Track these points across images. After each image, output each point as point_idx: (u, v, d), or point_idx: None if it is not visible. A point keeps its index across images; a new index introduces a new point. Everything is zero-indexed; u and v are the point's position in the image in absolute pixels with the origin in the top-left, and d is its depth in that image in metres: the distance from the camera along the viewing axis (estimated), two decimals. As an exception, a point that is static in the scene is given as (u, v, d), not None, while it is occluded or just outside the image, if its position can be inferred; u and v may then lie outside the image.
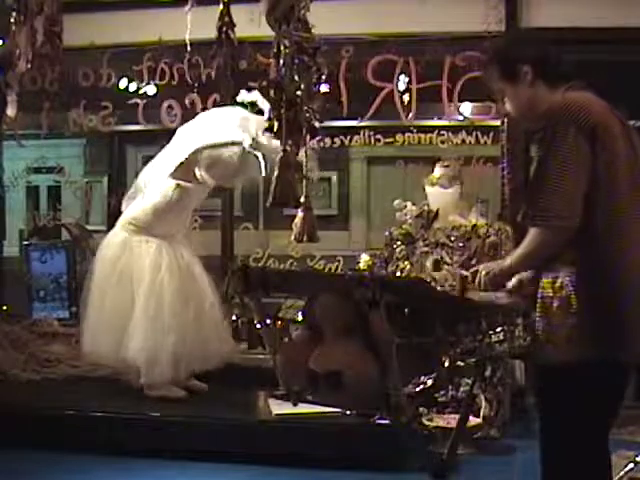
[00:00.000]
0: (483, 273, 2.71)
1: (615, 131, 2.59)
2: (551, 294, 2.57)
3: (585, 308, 2.51)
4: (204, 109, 6.19)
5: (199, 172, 5.07)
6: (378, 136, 6.13)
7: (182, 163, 4.97)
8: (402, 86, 5.93)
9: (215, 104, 6.14)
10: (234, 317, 5.71)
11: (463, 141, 5.96)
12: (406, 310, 2.62)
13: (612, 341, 2.51)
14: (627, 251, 2.54)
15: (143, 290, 4.93)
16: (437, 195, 5.23)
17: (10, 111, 5.87)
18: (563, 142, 2.51)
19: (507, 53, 2.79)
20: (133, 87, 6.42)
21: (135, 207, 5.11)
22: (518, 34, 2.97)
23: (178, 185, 5.00)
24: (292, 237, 4.41)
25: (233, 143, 4.91)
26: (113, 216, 5.83)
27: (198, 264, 5.23)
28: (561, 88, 2.67)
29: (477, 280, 2.72)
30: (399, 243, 5.20)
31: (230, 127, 4.96)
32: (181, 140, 5.09)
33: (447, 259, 5.03)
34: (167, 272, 4.98)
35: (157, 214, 5.04)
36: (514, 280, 2.79)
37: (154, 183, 5.06)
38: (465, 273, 2.85)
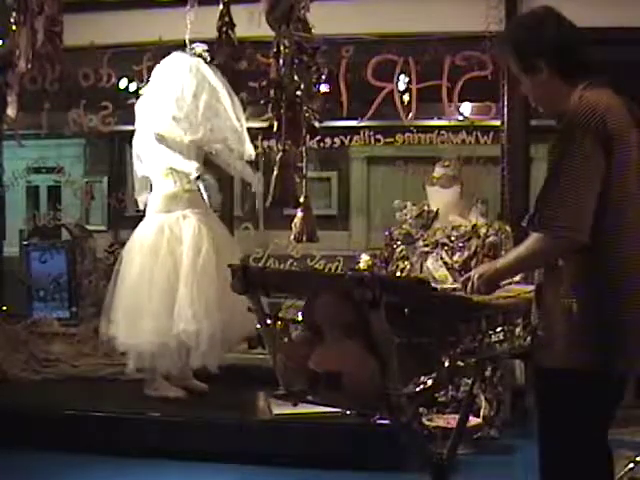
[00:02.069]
0: (476, 277, 2.67)
1: (631, 137, 2.52)
2: (554, 298, 2.54)
3: (587, 315, 2.48)
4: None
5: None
6: (378, 136, 6.12)
7: None
8: (402, 86, 5.92)
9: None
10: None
11: (463, 141, 5.94)
12: (406, 310, 2.62)
13: (613, 350, 2.49)
14: (633, 259, 2.50)
15: (185, 271, 4.87)
16: (437, 195, 5.23)
17: (10, 111, 5.85)
18: (579, 151, 2.42)
19: (522, 44, 2.63)
20: (133, 87, 6.41)
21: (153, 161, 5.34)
22: (534, 19, 2.71)
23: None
24: (291, 237, 4.42)
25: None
26: (113, 216, 5.83)
27: (230, 239, 5.42)
28: (580, 84, 2.55)
29: (469, 287, 2.67)
30: (399, 243, 5.20)
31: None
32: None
33: (447, 259, 5.03)
34: (207, 252, 4.94)
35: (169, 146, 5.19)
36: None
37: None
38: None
